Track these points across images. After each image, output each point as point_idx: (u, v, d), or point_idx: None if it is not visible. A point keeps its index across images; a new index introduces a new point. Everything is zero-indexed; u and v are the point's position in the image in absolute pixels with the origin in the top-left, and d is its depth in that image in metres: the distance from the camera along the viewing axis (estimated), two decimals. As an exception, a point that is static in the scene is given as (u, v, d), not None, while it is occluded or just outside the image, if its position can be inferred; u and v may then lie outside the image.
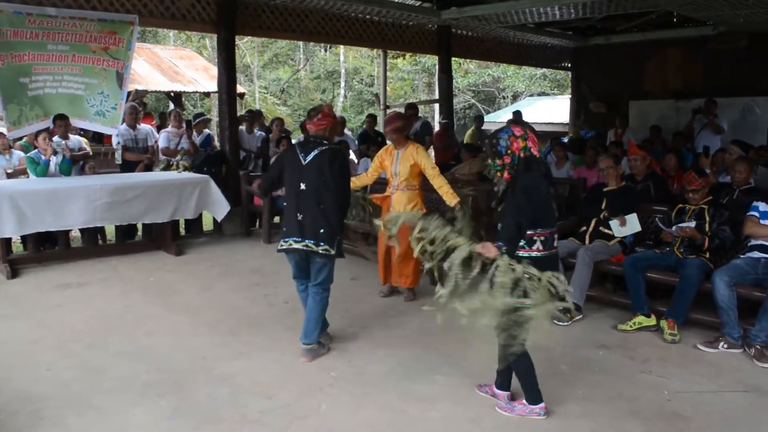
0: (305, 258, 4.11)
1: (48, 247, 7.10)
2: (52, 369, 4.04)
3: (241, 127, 8.59)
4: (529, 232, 3.16)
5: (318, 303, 4.17)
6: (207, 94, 15.83)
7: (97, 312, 5.16)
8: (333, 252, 4.06)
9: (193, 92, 15.04)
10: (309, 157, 4.09)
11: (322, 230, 4.00)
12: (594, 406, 3.56)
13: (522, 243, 3.15)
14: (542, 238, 3.20)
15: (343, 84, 24.98)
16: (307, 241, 4.02)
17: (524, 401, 3.47)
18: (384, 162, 5.33)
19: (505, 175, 3.24)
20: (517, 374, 3.43)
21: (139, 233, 7.97)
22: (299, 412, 3.49)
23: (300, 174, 4.07)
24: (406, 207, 5.15)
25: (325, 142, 4.17)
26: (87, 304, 5.38)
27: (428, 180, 5.18)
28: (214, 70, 11.43)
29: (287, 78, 25.59)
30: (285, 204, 4.17)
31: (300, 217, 4.04)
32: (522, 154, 3.21)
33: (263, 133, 8.82)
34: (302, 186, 4.06)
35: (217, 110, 9.65)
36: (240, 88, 12.54)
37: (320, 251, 4.02)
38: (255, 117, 9.05)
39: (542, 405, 3.43)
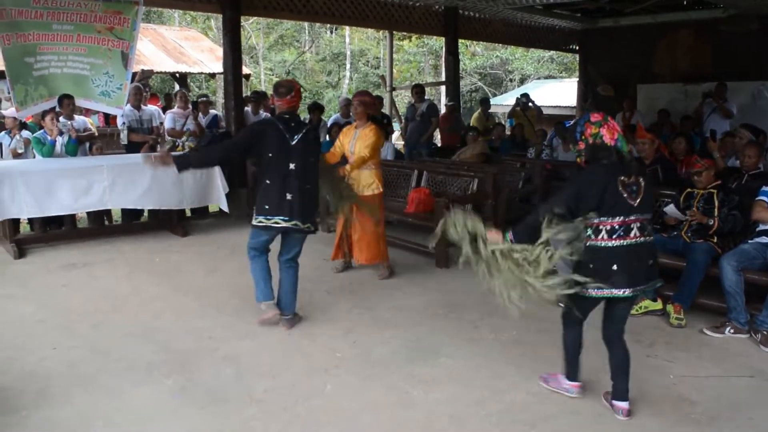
0: (282, 234, 4.26)
1: (54, 227, 7.10)
2: (58, 348, 4.07)
3: (246, 108, 8.54)
4: (594, 221, 3.12)
5: (293, 275, 4.40)
6: (212, 75, 15.74)
7: (103, 292, 5.18)
8: (313, 229, 4.32)
9: (199, 73, 14.98)
10: (296, 138, 4.21)
11: (311, 210, 4.25)
12: (599, 388, 3.54)
13: (588, 232, 3.12)
14: (608, 227, 3.10)
15: (348, 66, 24.79)
16: (295, 220, 4.16)
17: (559, 376, 3.53)
18: (343, 140, 5.38)
19: (582, 160, 3.27)
20: (563, 346, 3.49)
21: (145, 214, 7.97)
22: (304, 392, 3.50)
23: (289, 154, 4.16)
24: (363, 187, 5.26)
25: (303, 121, 4.36)
26: (93, 284, 5.42)
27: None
28: (220, 51, 11.38)
29: (293, 60, 25.43)
30: (267, 182, 4.18)
31: (289, 196, 4.13)
32: (591, 141, 3.17)
33: (269, 115, 8.76)
34: (291, 166, 4.15)
35: (223, 91, 9.59)
36: (245, 69, 12.48)
37: (305, 229, 4.25)
38: (261, 98, 8.97)
39: (576, 383, 3.48)
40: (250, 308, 4.69)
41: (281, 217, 4.15)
